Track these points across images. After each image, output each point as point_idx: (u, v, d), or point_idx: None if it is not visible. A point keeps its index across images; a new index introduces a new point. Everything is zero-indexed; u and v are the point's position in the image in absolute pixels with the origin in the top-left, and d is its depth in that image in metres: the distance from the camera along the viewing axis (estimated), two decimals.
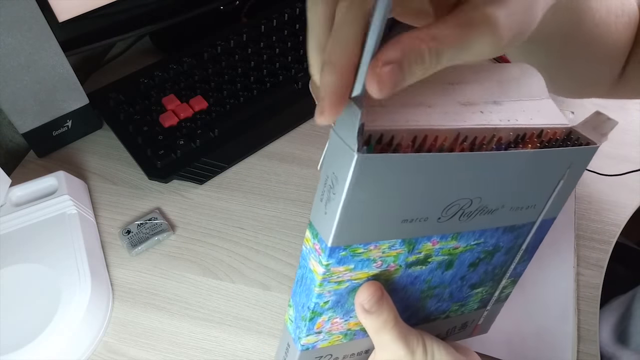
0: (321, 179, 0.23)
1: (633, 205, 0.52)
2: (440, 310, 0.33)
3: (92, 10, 0.56)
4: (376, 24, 0.19)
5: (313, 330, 0.28)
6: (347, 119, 0.21)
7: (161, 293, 0.46)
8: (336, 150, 0.22)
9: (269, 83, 0.59)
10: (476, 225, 0.28)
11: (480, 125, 0.25)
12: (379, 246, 0.25)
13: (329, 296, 0.27)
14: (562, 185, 0.29)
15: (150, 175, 0.53)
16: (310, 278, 0.26)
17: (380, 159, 0.21)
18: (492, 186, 0.26)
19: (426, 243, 0.27)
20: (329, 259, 0.24)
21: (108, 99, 0.58)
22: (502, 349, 0.41)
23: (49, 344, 0.39)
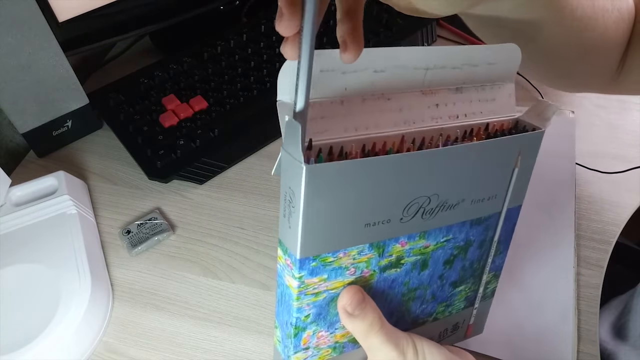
0: (281, 196, 0.24)
1: (633, 205, 0.52)
2: (426, 312, 0.33)
3: (92, 10, 0.56)
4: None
5: (300, 346, 0.28)
6: (292, 135, 0.22)
7: (161, 293, 0.46)
8: (288, 166, 0.23)
9: (269, 83, 0.59)
10: (441, 222, 0.28)
11: (428, 127, 0.27)
12: (348, 253, 0.26)
13: (309, 309, 0.27)
14: (518, 173, 0.30)
15: (150, 175, 0.53)
16: (288, 294, 0.27)
17: (327, 168, 0.22)
18: (447, 182, 0.27)
19: (395, 245, 0.27)
20: (301, 270, 0.25)
21: (108, 99, 0.58)
22: (502, 349, 0.41)
23: (49, 344, 0.39)
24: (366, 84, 0.25)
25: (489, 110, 0.29)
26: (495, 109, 0.29)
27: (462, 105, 0.28)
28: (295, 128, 0.21)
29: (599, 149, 0.57)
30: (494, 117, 0.29)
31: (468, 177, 0.28)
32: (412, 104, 0.27)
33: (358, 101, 0.26)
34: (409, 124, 0.27)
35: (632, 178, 0.54)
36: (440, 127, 0.27)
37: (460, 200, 0.28)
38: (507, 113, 0.30)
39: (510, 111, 0.30)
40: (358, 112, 0.25)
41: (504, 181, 0.30)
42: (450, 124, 0.28)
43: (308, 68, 0.21)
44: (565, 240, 0.48)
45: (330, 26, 0.66)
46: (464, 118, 0.28)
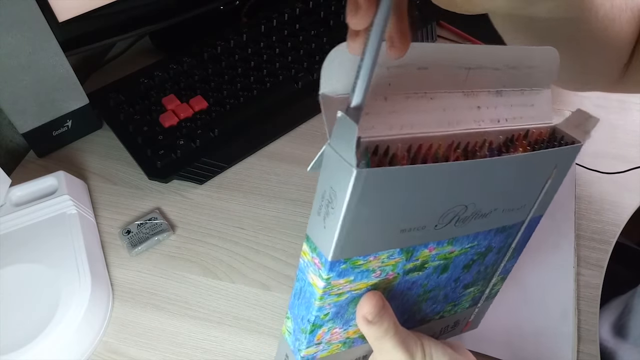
0: (318, 193, 0.23)
1: (633, 205, 0.52)
2: (435, 311, 0.33)
3: (92, 10, 0.56)
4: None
5: (313, 342, 0.28)
6: (344, 133, 0.21)
7: (161, 293, 0.46)
8: (333, 164, 0.22)
9: (269, 83, 0.59)
10: (471, 229, 0.28)
11: (471, 130, 0.26)
12: (378, 256, 0.25)
13: (329, 308, 0.27)
14: (549, 184, 0.30)
15: (150, 175, 0.53)
16: (310, 291, 0.26)
17: (378, 173, 0.21)
18: (486, 191, 0.26)
19: (423, 250, 0.27)
20: (330, 272, 0.24)
21: (108, 99, 0.58)
22: (502, 349, 0.41)
23: (49, 344, 0.39)
24: (410, 81, 0.25)
25: (529, 116, 0.29)
26: (534, 114, 0.29)
27: (502, 109, 0.28)
28: (349, 127, 0.20)
29: (599, 149, 0.57)
30: (533, 123, 0.29)
31: (506, 187, 0.27)
32: (455, 105, 0.26)
33: (402, 98, 0.25)
34: (453, 125, 0.26)
35: (632, 178, 0.54)
36: (483, 131, 0.27)
37: (493, 210, 0.28)
38: (545, 120, 0.29)
39: (548, 118, 0.29)
40: (402, 110, 0.25)
41: (536, 192, 0.30)
42: (492, 128, 0.27)
43: (372, 65, 0.20)
44: (566, 240, 0.48)
45: (330, 26, 0.66)
46: (505, 123, 0.28)
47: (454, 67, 0.25)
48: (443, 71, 0.25)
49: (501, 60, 0.27)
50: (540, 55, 0.28)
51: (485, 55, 0.26)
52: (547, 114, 0.29)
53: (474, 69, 0.26)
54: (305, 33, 0.65)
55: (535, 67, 0.28)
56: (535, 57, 0.28)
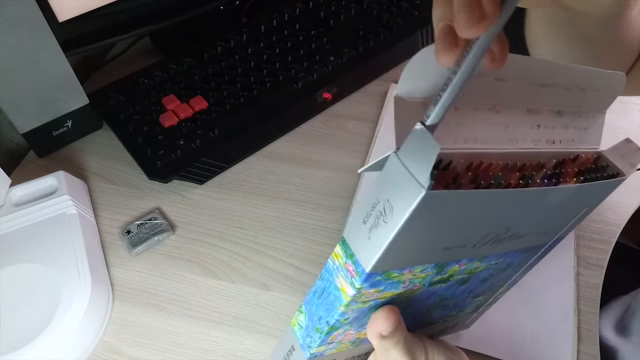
0: (367, 200, 0.22)
1: (633, 205, 0.52)
2: (441, 316, 0.33)
3: (92, 10, 0.56)
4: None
5: (327, 341, 0.28)
6: (420, 150, 0.19)
7: (161, 293, 0.46)
8: (396, 177, 0.20)
9: (269, 83, 0.59)
10: (503, 249, 0.28)
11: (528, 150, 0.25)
12: (413, 270, 0.25)
13: (352, 314, 0.26)
14: (583, 212, 0.29)
15: (150, 175, 0.53)
16: (335, 295, 0.25)
17: (447, 196, 0.20)
18: (530, 216, 0.26)
19: (454, 265, 0.27)
20: (364, 283, 0.23)
21: (108, 99, 0.58)
22: (502, 349, 0.41)
23: (49, 344, 0.39)
24: (483, 91, 0.24)
25: (580, 140, 0.28)
26: (586, 139, 0.28)
27: (559, 130, 0.27)
28: (429, 145, 0.19)
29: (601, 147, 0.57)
30: (583, 147, 0.28)
31: (547, 213, 0.27)
32: (518, 122, 0.25)
33: (470, 109, 0.24)
34: (512, 143, 0.25)
35: (632, 178, 0.54)
36: (537, 151, 0.26)
37: (529, 232, 0.28)
38: (593, 145, 0.29)
39: (596, 143, 0.29)
40: (469, 123, 0.24)
41: (569, 218, 0.29)
42: (547, 149, 0.27)
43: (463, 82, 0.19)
44: (566, 240, 0.48)
45: (330, 26, 0.66)
46: (559, 145, 0.27)
47: (529, 81, 0.24)
48: (517, 85, 0.24)
49: (574, 80, 0.26)
50: (609, 79, 0.27)
51: (561, 74, 0.25)
52: (596, 139, 0.29)
53: (548, 86, 0.25)
54: (305, 33, 0.65)
55: (600, 91, 0.28)
56: (604, 80, 0.27)
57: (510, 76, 0.24)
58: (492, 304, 0.38)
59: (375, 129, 0.58)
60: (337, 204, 0.52)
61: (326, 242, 0.49)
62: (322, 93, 0.60)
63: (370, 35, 0.64)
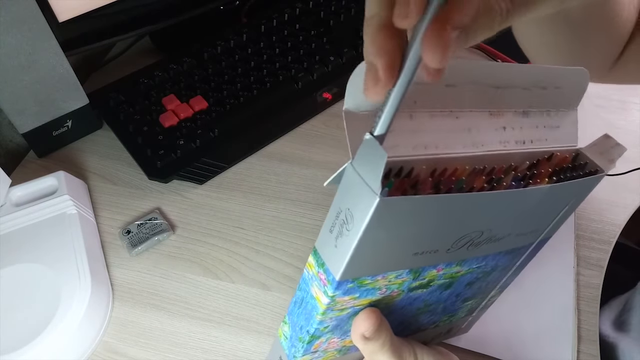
0: (332, 210, 0.23)
1: (633, 205, 0.52)
2: (431, 321, 0.33)
3: (92, 10, 0.56)
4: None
5: (310, 350, 0.28)
6: (371, 158, 0.20)
7: (161, 293, 0.46)
8: (353, 186, 0.21)
9: (269, 83, 0.59)
10: (482, 252, 0.28)
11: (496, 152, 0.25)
12: (387, 276, 0.25)
13: (330, 322, 0.26)
14: (565, 211, 0.29)
15: (150, 175, 0.53)
16: (312, 304, 0.26)
17: (402, 202, 0.20)
18: (504, 218, 0.26)
19: (431, 270, 0.27)
20: (336, 290, 0.24)
21: (108, 99, 0.58)
22: (502, 349, 0.41)
23: (49, 344, 0.39)
24: (436, 99, 0.24)
25: (554, 138, 0.28)
26: (559, 136, 0.28)
27: (528, 130, 0.27)
28: (377, 153, 0.19)
29: None
30: (558, 145, 0.28)
31: (523, 214, 0.27)
32: (481, 125, 0.25)
33: (427, 117, 0.24)
34: (478, 146, 0.25)
35: (632, 178, 0.54)
36: (508, 153, 0.26)
37: (507, 234, 0.28)
38: (569, 142, 0.29)
39: (572, 140, 0.29)
40: (427, 129, 0.24)
41: (551, 218, 0.30)
42: (517, 149, 0.27)
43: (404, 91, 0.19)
44: (565, 241, 0.48)
45: (330, 26, 0.66)
46: (530, 144, 0.27)
47: (483, 84, 0.25)
48: (471, 89, 0.24)
49: (532, 79, 0.26)
50: (570, 75, 0.27)
51: (517, 74, 0.25)
52: (572, 136, 0.29)
53: (503, 87, 0.25)
54: (305, 33, 0.65)
55: (563, 88, 0.28)
56: (565, 78, 0.27)
57: (460, 82, 0.24)
58: (488, 306, 0.38)
59: None
60: None
61: None
62: (322, 93, 0.61)
63: None
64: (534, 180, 0.26)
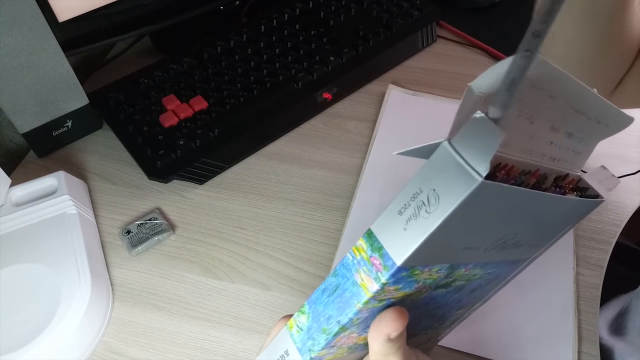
0: (407, 191, 0.21)
1: (633, 205, 0.52)
2: (426, 327, 0.33)
3: (92, 10, 0.56)
4: None
5: (331, 344, 0.27)
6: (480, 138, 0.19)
7: (161, 293, 0.46)
8: (446, 166, 0.20)
9: (269, 83, 0.59)
10: (502, 257, 0.27)
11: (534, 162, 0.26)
12: (432, 269, 0.24)
13: (365, 313, 0.25)
14: (566, 230, 0.30)
15: (150, 175, 0.53)
16: (352, 292, 0.24)
17: (499, 189, 0.20)
18: (535, 224, 0.26)
19: (462, 269, 0.26)
20: (390, 277, 0.22)
21: (108, 99, 0.58)
22: (502, 351, 0.41)
23: (49, 344, 0.39)
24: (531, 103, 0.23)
25: (571, 162, 0.29)
26: (575, 162, 0.29)
27: (563, 150, 0.27)
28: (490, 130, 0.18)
29: (598, 149, 0.56)
30: (570, 169, 0.29)
31: (544, 224, 0.27)
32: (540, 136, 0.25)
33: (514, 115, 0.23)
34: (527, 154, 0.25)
35: (633, 178, 0.54)
36: (541, 166, 0.26)
37: (525, 243, 0.28)
38: (577, 168, 0.29)
39: (579, 167, 0.30)
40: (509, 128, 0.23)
41: (556, 234, 0.30)
42: (548, 165, 0.27)
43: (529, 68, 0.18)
44: (565, 241, 0.48)
45: (330, 26, 0.66)
46: (557, 163, 0.27)
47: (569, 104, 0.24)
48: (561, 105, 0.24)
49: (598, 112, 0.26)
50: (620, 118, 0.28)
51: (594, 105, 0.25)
52: (581, 164, 0.30)
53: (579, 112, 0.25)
54: (305, 33, 0.65)
55: (609, 127, 0.28)
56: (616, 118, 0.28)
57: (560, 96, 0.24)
58: (464, 319, 0.37)
59: (374, 128, 0.58)
60: (337, 204, 0.52)
61: (326, 242, 0.49)
62: (322, 93, 0.61)
63: (370, 35, 0.64)
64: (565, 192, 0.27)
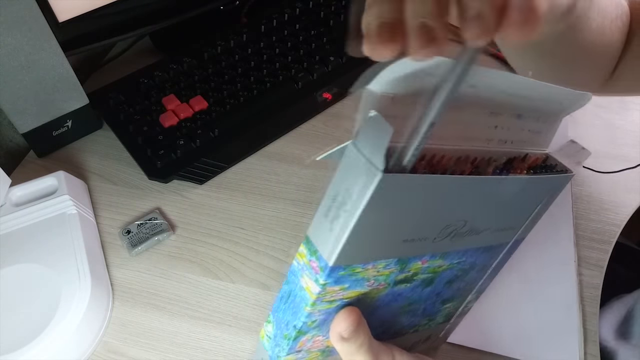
0: (328, 194, 0.23)
1: (633, 205, 0.52)
2: (412, 324, 0.33)
3: (92, 10, 0.56)
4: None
5: (295, 349, 0.28)
6: (375, 134, 0.20)
7: (161, 293, 0.46)
8: (354, 165, 0.21)
9: (269, 83, 0.59)
10: (463, 245, 0.28)
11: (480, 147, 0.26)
12: (376, 265, 0.25)
13: (318, 315, 0.26)
14: (538, 210, 0.30)
15: (150, 175, 0.53)
16: (300, 296, 0.25)
17: (401, 180, 0.20)
18: (485, 209, 0.26)
19: (417, 262, 0.27)
20: (328, 278, 0.23)
21: (108, 99, 0.58)
22: (508, 348, 0.41)
23: (49, 344, 0.39)
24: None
25: (532, 142, 0.29)
26: (538, 141, 0.29)
27: (515, 131, 0.27)
28: (382, 129, 0.19)
29: (599, 149, 0.57)
30: (533, 148, 0.29)
31: (501, 207, 0.27)
32: (478, 121, 0.25)
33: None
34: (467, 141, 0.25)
35: (632, 178, 0.54)
36: (488, 150, 0.26)
37: (486, 228, 0.28)
38: (542, 147, 0.30)
39: (545, 146, 0.30)
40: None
41: (525, 215, 0.30)
42: (498, 148, 0.27)
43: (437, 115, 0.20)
44: (565, 239, 0.48)
45: (330, 26, 0.66)
46: (510, 145, 0.28)
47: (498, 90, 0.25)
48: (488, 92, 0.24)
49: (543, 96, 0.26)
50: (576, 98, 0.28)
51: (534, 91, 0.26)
52: (547, 142, 0.30)
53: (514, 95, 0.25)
54: (305, 33, 0.65)
55: (563, 104, 0.28)
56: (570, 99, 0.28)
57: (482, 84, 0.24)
58: (465, 313, 0.38)
59: None
60: None
61: None
62: (322, 93, 0.60)
63: None
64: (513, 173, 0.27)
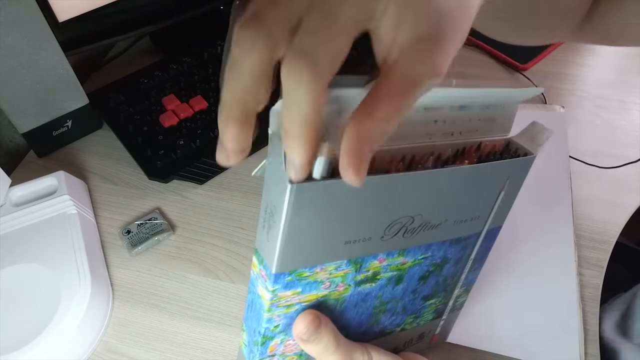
0: (262, 207, 0.24)
1: (633, 205, 0.52)
2: (395, 323, 0.33)
3: (92, 10, 0.56)
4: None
5: (266, 353, 0.29)
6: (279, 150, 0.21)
7: (161, 293, 0.46)
8: (272, 178, 0.23)
9: None
10: (421, 241, 0.28)
11: (420, 144, 0.26)
12: (325, 268, 0.26)
13: (279, 320, 0.27)
14: (503, 196, 0.30)
15: (150, 175, 0.53)
16: (259, 303, 0.26)
17: (312, 187, 0.21)
18: (433, 203, 0.26)
19: (373, 261, 0.27)
20: (275, 284, 0.25)
21: (108, 99, 0.58)
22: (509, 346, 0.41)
23: (49, 344, 0.39)
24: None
25: (486, 130, 0.28)
26: (492, 128, 0.29)
27: (460, 123, 0.27)
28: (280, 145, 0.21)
29: (599, 149, 0.57)
30: (488, 136, 0.29)
31: (454, 199, 0.27)
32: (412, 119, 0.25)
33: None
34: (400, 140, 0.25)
35: (632, 178, 0.54)
36: (432, 145, 0.26)
37: (443, 221, 0.28)
38: (501, 133, 0.29)
39: (505, 132, 0.29)
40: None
41: (489, 203, 0.30)
42: (443, 141, 0.27)
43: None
44: (565, 239, 0.48)
45: None
46: (459, 136, 0.27)
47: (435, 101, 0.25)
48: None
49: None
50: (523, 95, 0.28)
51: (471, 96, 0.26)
52: (506, 128, 0.29)
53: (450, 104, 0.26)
54: None
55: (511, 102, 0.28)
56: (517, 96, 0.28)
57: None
58: (458, 309, 0.37)
59: None
60: None
61: None
62: None
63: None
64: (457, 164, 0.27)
